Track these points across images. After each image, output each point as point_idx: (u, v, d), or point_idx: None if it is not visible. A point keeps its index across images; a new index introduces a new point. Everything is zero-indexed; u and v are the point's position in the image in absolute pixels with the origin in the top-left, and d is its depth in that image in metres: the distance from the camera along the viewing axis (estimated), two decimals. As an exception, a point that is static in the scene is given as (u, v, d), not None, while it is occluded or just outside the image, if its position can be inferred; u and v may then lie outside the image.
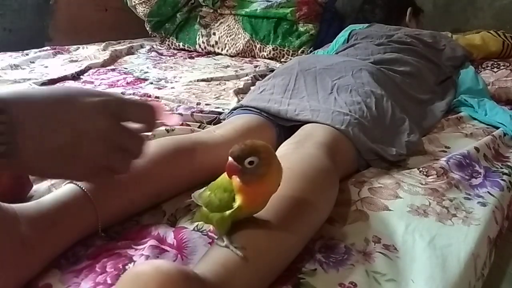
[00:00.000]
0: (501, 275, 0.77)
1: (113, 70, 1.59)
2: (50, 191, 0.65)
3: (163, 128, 0.91)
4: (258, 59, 1.91)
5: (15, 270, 0.48)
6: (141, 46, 2.01)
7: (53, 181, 0.70)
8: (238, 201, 0.47)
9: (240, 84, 1.40)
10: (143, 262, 0.52)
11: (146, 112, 0.47)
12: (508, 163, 0.88)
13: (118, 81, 1.44)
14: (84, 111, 0.41)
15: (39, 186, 0.68)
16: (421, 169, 0.80)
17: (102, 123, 0.42)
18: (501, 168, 0.85)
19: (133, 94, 1.21)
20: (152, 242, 0.56)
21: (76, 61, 1.67)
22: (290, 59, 1.76)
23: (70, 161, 0.40)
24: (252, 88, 1.30)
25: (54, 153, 0.39)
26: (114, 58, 1.75)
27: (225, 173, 0.49)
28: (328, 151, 0.69)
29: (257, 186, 0.47)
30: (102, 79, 1.46)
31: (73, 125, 0.40)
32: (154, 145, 0.68)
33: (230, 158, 0.46)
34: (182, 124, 0.97)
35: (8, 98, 0.37)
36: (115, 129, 0.44)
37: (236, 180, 0.47)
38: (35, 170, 0.39)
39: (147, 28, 2.12)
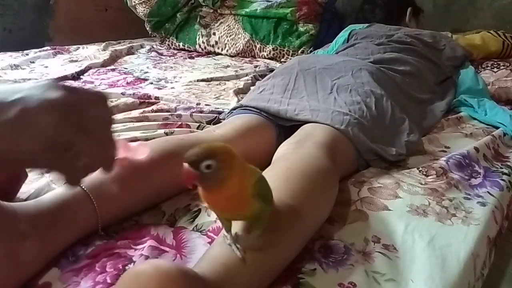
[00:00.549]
0: (501, 275, 0.77)
1: (113, 70, 1.59)
2: (50, 189, 0.65)
3: (162, 131, 0.92)
4: (258, 59, 1.91)
5: (14, 269, 0.48)
6: (141, 46, 2.01)
7: (52, 177, 0.70)
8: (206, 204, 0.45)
9: (240, 84, 1.40)
10: (143, 261, 0.52)
11: (100, 99, 0.41)
12: (508, 163, 0.88)
13: (118, 81, 1.44)
14: (33, 88, 0.38)
15: (39, 184, 0.68)
16: (420, 169, 0.80)
17: (56, 95, 0.37)
18: (501, 168, 0.85)
19: (133, 94, 1.21)
20: (151, 242, 0.56)
21: (76, 61, 1.67)
22: (290, 59, 1.76)
23: (19, 137, 0.35)
24: (252, 88, 1.30)
25: (0, 130, 0.35)
26: (114, 58, 1.76)
27: None
28: (328, 151, 0.69)
29: (219, 192, 0.44)
30: (102, 79, 1.46)
31: (20, 100, 0.36)
32: (154, 145, 0.68)
33: (185, 164, 0.42)
34: (181, 126, 0.97)
35: None
36: (72, 102, 0.37)
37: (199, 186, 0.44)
38: None
39: (147, 28, 2.12)
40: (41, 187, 0.67)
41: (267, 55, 1.90)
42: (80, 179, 0.40)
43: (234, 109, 0.95)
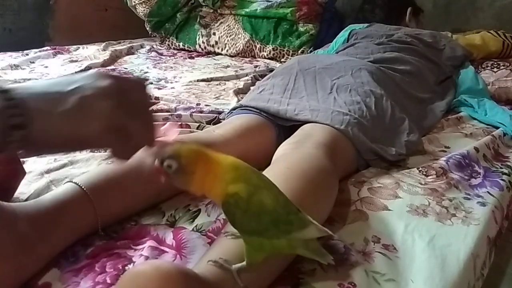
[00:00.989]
0: (501, 275, 0.77)
1: (113, 70, 1.59)
2: (50, 190, 0.65)
3: (161, 131, 0.92)
4: (258, 59, 1.91)
5: (14, 269, 0.48)
6: (141, 46, 2.01)
7: (52, 177, 0.70)
8: None
9: (240, 84, 1.40)
10: (142, 262, 0.52)
11: (141, 85, 0.47)
12: (508, 163, 0.88)
13: (118, 81, 1.43)
14: (85, 77, 0.42)
15: (39, 185, 0.68)
16: (420, 169, 0.80)
17: (107, 83, 0.42)
18: (501, 168, 0.85)
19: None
20: (151, 243, 0.56)
21: (76, 61, 1.67)
22: (290, 59, 1.76)
23: (81, 122, 0.40)
24: (252, 88, 1.30)
25: (64, 117, 0.39)
26: (114, 58, 1.75)
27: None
28: (327, 151, 0.69)
29: (186, 190, 0.46)
30: (102, 79, 1.45)
31: (78, 90, 0.41)
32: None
33: (156, 159, 0.44)
34: (181, 126, 0.97)
35: (9, 85, 0.40)
36: (121, 88, 0.43)
37: None
38: (48, 139, 0.39)
39: (147, 28, 2.12)
40: (41, 187, 0.67)
41: (267, 55, 1.90)
42: (130, 155, 0.45)
43: (234, 109, 0.95)
